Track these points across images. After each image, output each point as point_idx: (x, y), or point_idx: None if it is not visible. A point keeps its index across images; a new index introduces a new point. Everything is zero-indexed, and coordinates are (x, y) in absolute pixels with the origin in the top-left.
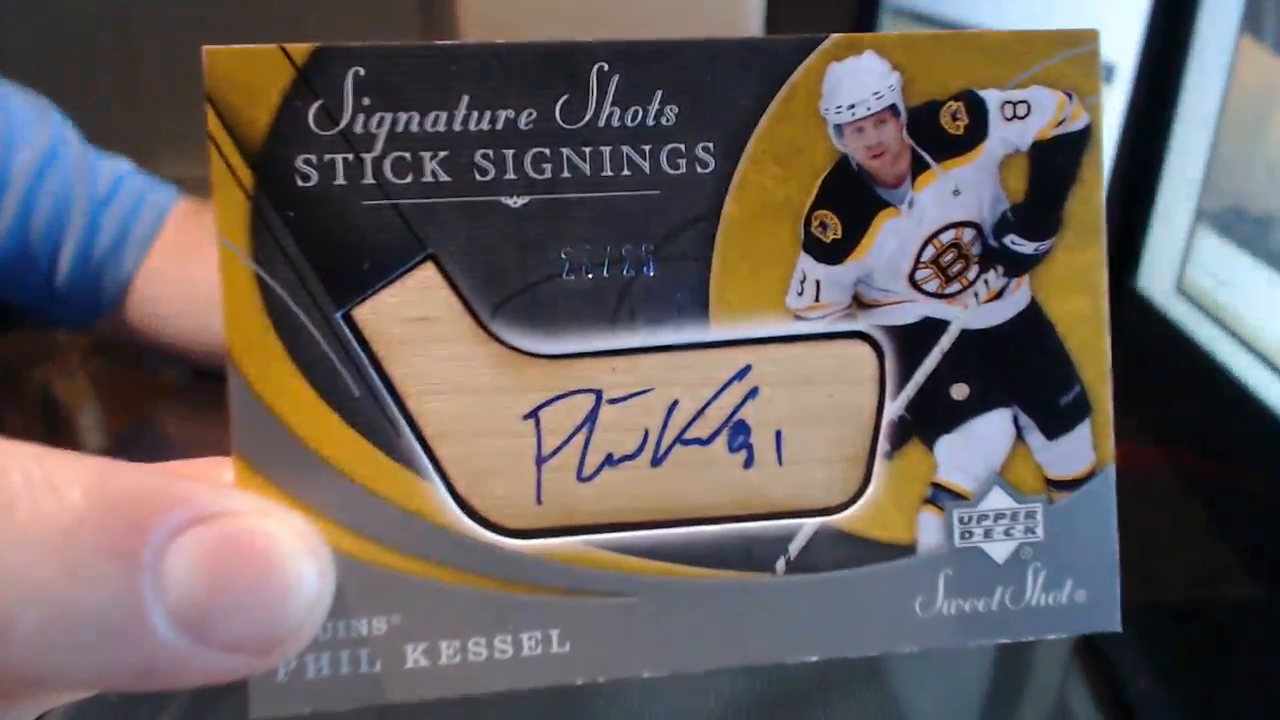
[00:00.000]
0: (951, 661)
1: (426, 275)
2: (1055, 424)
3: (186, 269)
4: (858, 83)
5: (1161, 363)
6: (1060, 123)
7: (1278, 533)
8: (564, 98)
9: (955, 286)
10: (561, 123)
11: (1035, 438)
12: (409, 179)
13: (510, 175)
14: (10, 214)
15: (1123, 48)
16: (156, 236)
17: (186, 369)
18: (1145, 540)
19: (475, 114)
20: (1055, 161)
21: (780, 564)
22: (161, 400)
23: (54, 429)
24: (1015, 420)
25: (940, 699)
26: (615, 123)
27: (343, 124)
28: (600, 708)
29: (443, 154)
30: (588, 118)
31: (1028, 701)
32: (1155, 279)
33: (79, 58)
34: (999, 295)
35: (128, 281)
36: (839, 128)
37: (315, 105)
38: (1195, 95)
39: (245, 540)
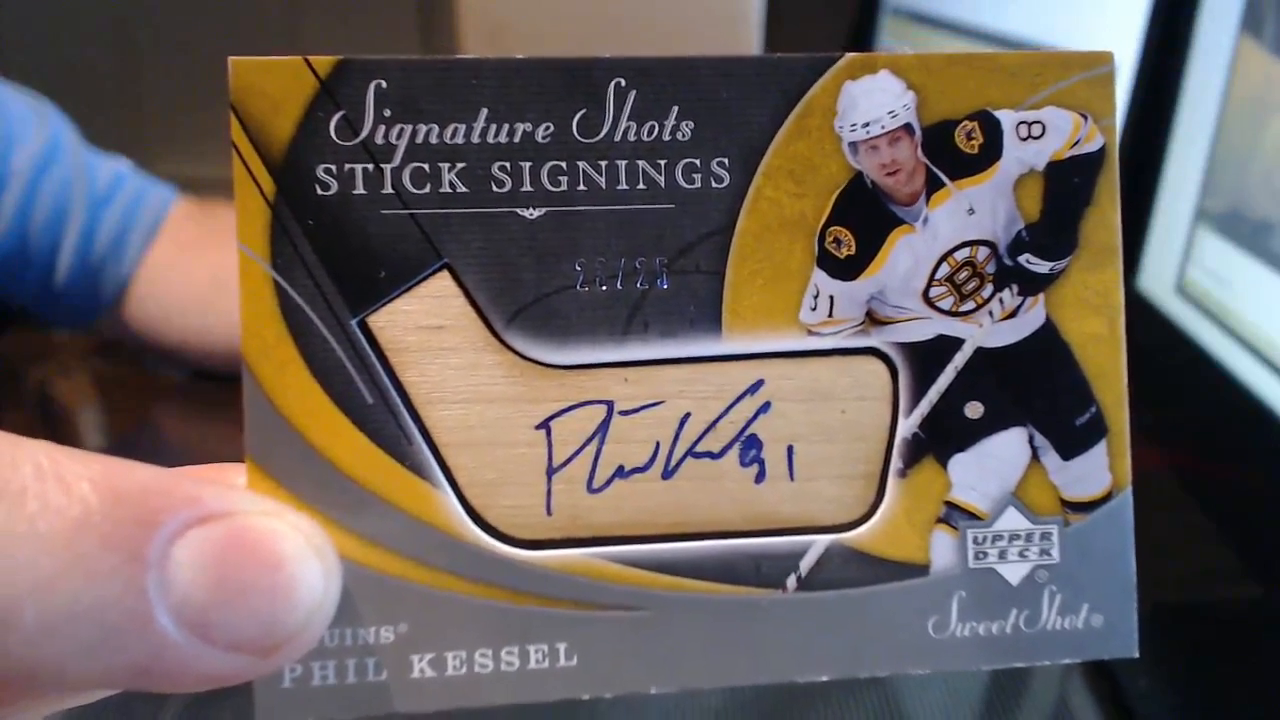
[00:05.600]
0: None
1: (442, 284)
2: (1071, 444)
3: (186, 269)
4: (873, 101)
5: (1161, 363)
6: (1075, 144)
7: (1278, 533)
8: (581, 112)
9: (970, 304)
10: (578, 136)
11: (1051, 458)
12: (427, 189)
13: (527, 187)
14: (9, 213)
15: (1123, 48)
16: (155, 236)
17: (186, 369)
18: (1145, 540)
19: (493, 127)
20: (1070, 182)
21: (791, 581)
22: (161, 400)
23: (53, 429)
24: (1030, 440)
25: (940, 699)
26: (631, 137)
27: (363, 135)
28: (602, 704)
29: (461, 165)
30: (604, 132)
31: (1028, 702)
32: (1155, 279)
33: (79, 58)
34: (1014, 314)
35: (126, 281)
36: (854, 145)
37: (337, 116)
38: (1195, 95)
39: (251, 539)
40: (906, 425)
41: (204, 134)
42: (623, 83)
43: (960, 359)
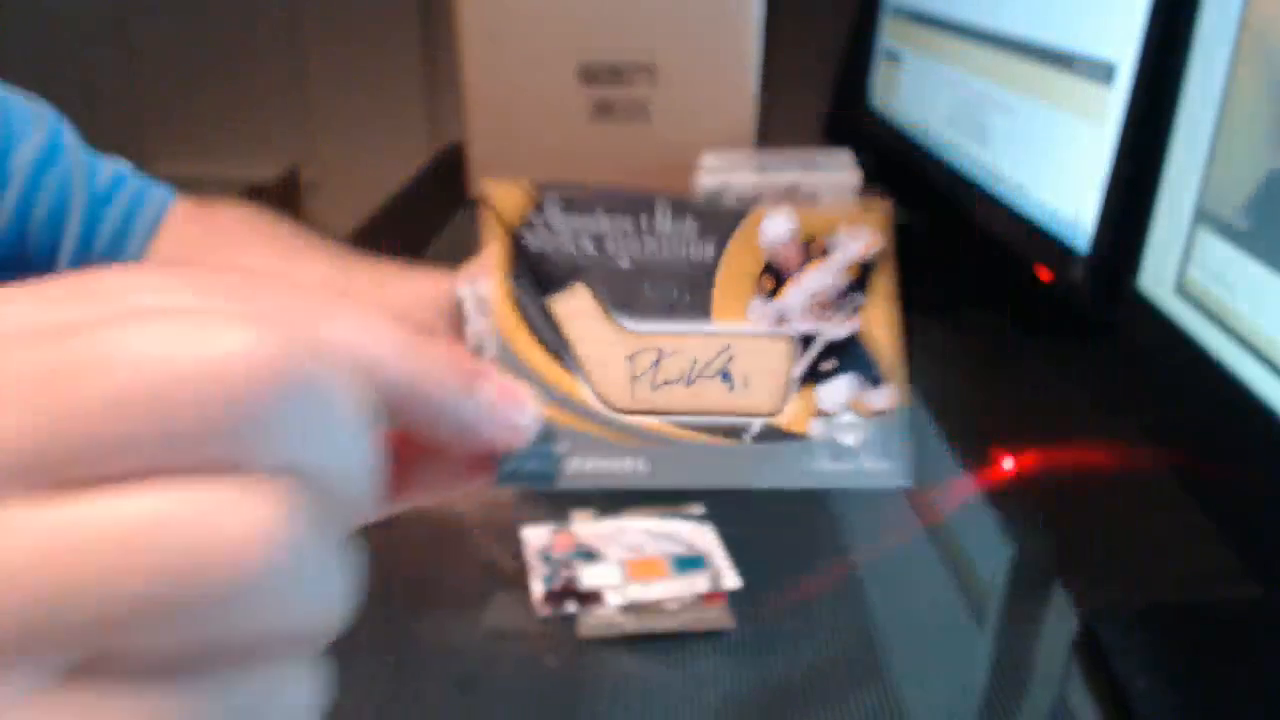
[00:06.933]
0: (952, 661)
1: (582, 290)
2: (873, 383)
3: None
4: (778, 226)
5: (1161, 363)
6: (868, 245)
7: (1278, 533)
8: (643, 215)
9: (825, 316)
10: (644, 228)
11: (865, 390)
12: (574, 248)
13: (622, 250)
14: (9, 212)
15: (1123, 48)
16: (155, 236)
17: None
18: (1145, 540)
19: (607, 219)
20: (868, 264)
21: (746, 438)
22: None
23: None
24: (856, 380)
25: (940, 699)
26: (667, 230)
27: (549, 219)
28: (603, 706)
29: (591, 235)
30: (655, 226)
31: (1028, 701)
32: (1155, 279)
33: (79, 59)
34: (844, 322)
35: None
36: (768, 245)
37: (537, 209)
38: (1195, 95)
39: (519, 391)
40: (797, 370)
41: (203, 134)
42: (665, 205)
43: (820, 342)
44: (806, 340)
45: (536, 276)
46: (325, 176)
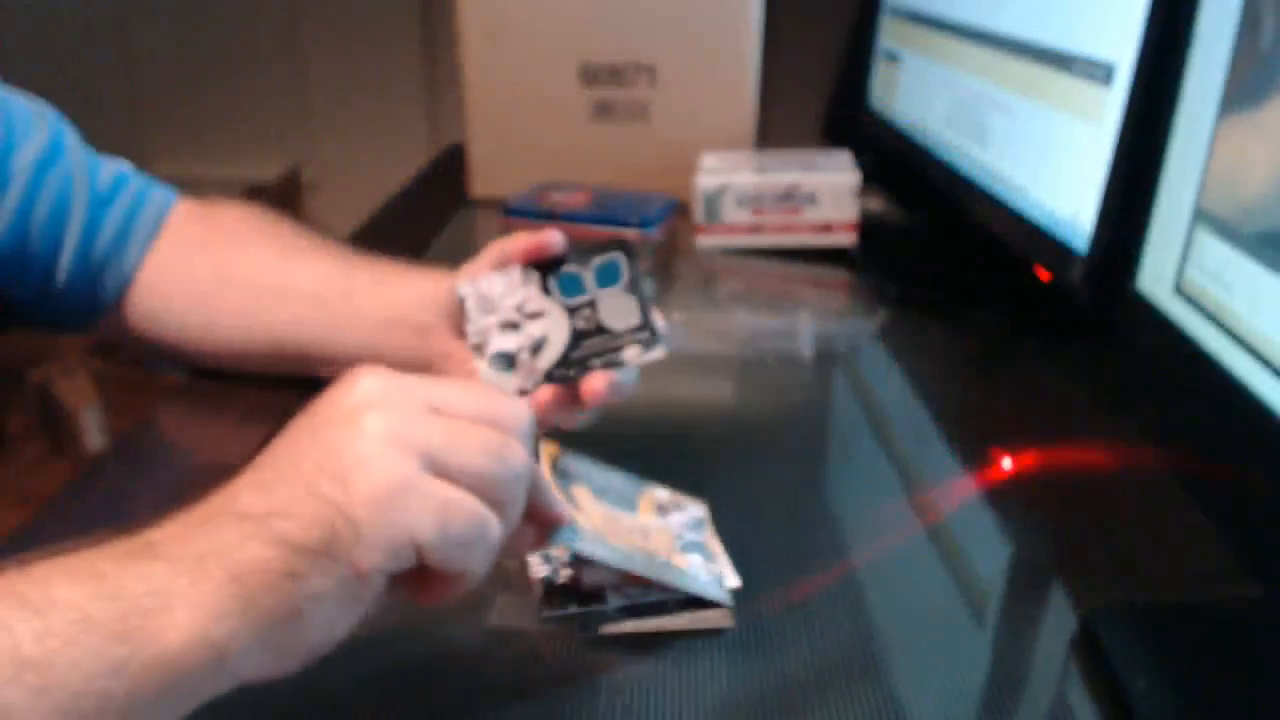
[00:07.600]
0: (951, 661)
1: (583, 485)
2: (709, 560)
3: (188, 268)
4: (661, 493)
5: (1161, 363)
6: (701, 510)
7: (1278, 533)
8: (607, 470)
9: (686, 533)
10: (607, 473)
11: (707, 561)
12: (581, 475)
13: (599, 479)
14: (10, 212)
15: (1122, 48)
16: (157, 235)
17: (186, 368)
18: (1145, 540)
19: (591, 466)
20: (702, 516)
21: (658, 559)
22: (161, 400)
23: (54, 429)
24: (701, 558)
25: (940, 699)
26: (618, 477)
27: (569, 461)
28: (603, 706)
29: (584, 475)
30: (612, 476)
31: (1028, 701)
32: (1155, 279)
33: (79, 59)
34: (695, 535)
35: (128, 280)
36: (655, 500)
37: (563, 458)
38: (1195, 95)
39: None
40: (675, 546)
41: (204, 134)
42: (611, 468)
43: (682, 541)
44: (679, 537)
45: (563, 479)
46: (325, 176)
